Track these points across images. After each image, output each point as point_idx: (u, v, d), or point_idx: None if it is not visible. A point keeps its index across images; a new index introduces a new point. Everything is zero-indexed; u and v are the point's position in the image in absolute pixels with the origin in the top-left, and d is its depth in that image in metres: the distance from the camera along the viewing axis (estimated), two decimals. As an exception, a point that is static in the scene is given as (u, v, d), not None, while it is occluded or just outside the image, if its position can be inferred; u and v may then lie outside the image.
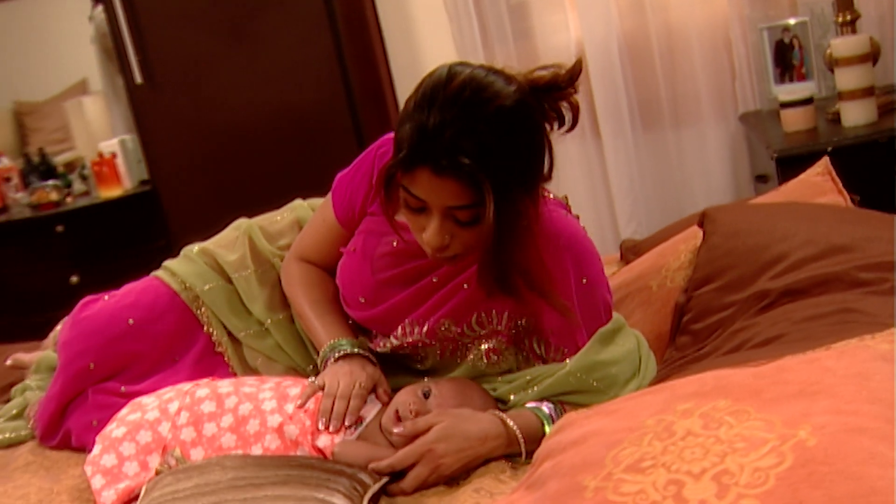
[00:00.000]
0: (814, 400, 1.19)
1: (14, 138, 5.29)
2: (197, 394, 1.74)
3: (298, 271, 1.92)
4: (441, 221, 1.57)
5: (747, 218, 1.81)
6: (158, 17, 3.87)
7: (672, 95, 3.62)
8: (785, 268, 1.66)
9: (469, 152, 1.49)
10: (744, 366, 1.36)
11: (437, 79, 1.56)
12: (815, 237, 1.69)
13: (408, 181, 1.55)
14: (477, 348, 1.77)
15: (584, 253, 1.72)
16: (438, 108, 1.51)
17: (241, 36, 3.82)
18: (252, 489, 1.40)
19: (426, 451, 1.56)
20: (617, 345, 1.72)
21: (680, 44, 3.56)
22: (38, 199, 4.19)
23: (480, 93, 1.52)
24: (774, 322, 1.58)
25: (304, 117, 3.82)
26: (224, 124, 3.91)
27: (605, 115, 3.66)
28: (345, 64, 3.78)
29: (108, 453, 1.69)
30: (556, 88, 1.65)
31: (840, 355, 1.29)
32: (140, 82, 3.91)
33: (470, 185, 1.51)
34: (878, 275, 1.60)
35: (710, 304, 1.72)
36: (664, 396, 1.32)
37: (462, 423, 1.60)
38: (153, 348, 1.97)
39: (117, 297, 2.03)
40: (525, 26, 3.73)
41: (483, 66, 1.61)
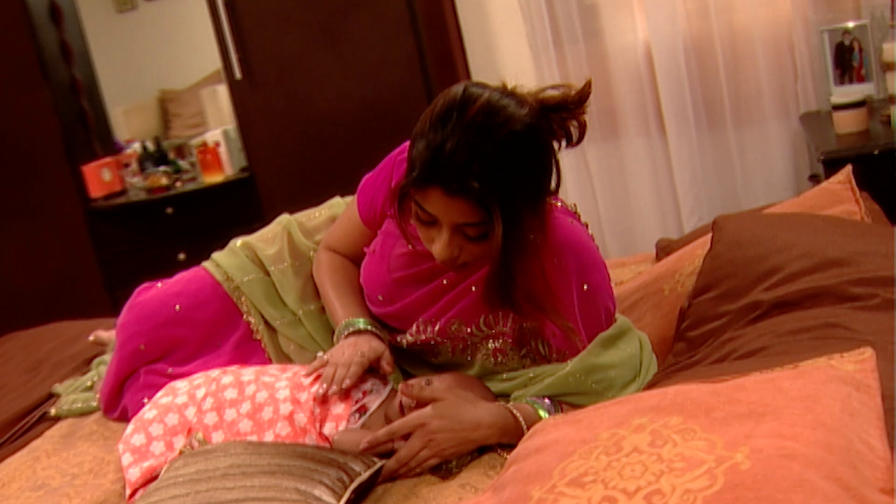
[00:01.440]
0: (759, 422, 1.13)
1: (158, 123, 5.44)
2: (222, 381, 1.75)
3: (327, 259, 1.92)
4: (450, 236, 1.54)
5: (751, 228, 1.72)
6: (257, 18, 3.90)
7: (735, 95, 3.49)
8: (779, 280, 1.58)
9: (478, 175, 1.46)
10: (710, 381, 1.29)
11: (453, 99, 1.52)
12: (812, 250, 1.60)
13: (420, 198, 1.52)
14: (485, 347, 1.74)
15: (587, 260, 1.67)
16: (451, 130, 1.48)
17: (331, 36, 3.83)
18: (243, 478, 1.40)
19: (421, 424, 1.55)
20: (618, 349, 1.67)
21: (743, 45, 3.43)
22: (151, 184, 4.29)
23: (492, 117, 1.49)
24: (761, 334, 1.50)
25: (386, 112, 3.81)
26: (314, 117, 3.93)
27: (671, 114, 3.55)
28: (425, 62, 3.75)
29: (138, 433, 1.71)
30: (566, 108, 1.59)
31: (798, 376, 1.22)
32: (239, 78, 3.96)
33: (479, 206, 1.48)
34: (868, 290, 1.51)
35: (707, 312, 1.64)
36: (627, 409, 1.27)
37: (460, 405, 1.58)
38: (197, 333, 1.99)
39: (168, 284, 2.06)
40: (595, 27, 3.64)
41: (498, 87, 1.56)
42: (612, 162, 3.75)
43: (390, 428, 1.57)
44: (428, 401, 1.58)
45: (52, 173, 4.32)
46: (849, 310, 1.48)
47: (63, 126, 4.29)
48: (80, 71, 4.45)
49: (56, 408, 2.23)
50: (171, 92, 5.27)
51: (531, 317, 1.64)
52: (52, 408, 2.24)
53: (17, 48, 4.21)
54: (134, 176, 4.42)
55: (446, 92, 1.55)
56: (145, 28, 5.08)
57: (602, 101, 3.67)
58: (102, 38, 5.13)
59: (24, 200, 4.39)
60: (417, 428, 1.55)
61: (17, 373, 2.58)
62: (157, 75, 5.26)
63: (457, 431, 1.55)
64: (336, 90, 3.88)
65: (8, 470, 1.98)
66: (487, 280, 1.61)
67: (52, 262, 4.41)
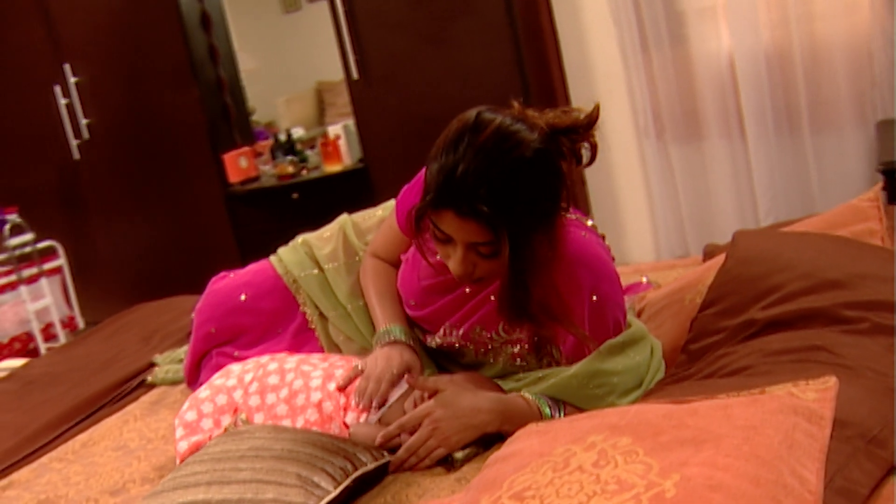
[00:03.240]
0: (699, 449, 1.07)
1: (315, 111, 5.57)
2: (268, 367, 1.77)
3: (371, 265, 1.91)
4: (464, 253, 1.51)
5: (760, 246, 1.62)
6: (373, 22, 3.92)
7: (813, 102, 3.31)
8: (776, 299, 1.48)
9: (487, 200, 1.42)
10: (673, 401, 1.23)
11: (465, 124, 1.48)
12: (813, 270, 1.49)
13: (435, 218, 1.50)
14: (506, 352, 1.71)
15: (598, 271, 1.60)
16: (462, 154, 1.44)
17: (438, 40, 3.81)
18: (256, 461, 1.42)
19: (427, 413, 1.54)
20: (626, 356, 1.60)
21: (822, 54, 3.24)
22: (280, 171, 4.38)
23: (503, 143, 1.44)
24: (749, 352, 1.41)
25: (487, 111, 3.78)
26: (421, 115, 3.93)
27: (751, 118, 3.40)
28: (522, 66, 3.70)
29: (191, 410, 1.75)
30: (575, 132, 1.54)
31: (750, 403, 1.14)
32: (356, 78, 4.00)
33: (488, 227, 1.45)
34: (860, 313, 1.40)
35: (708, 326, 1.56)
36: (592, 424, 1.22)
37: (459, 394, 1.56)
38: (260, 321, 2.01)
39: (239, 275, 2.09)
40: (681, 34, 3.51)
41: (510, 112, 1.51)
42: (694, 162, 3.62)
43: (400, 422, 1.56)
44: (431, 391, 1.57)
45: (197, 161, 4.47)
46: (837, 333, 1.38)
47: (208, 120, 4.43)
48: (224, 70, 4.57)
49: (152, 376, 2.31)
50: (327, 83, 5.35)
51: (546, 327, 1.60)
52: (149, 375, 2.32)
53: (172, 51, 4.36)
54: (266, 164, 4.53)
55: (461, 117, 1.51)
56: (307, 26, 5.21)
57: (686, 104, 3.54)
58: (269, 35, 5.27)
59: (173, 184, 4.57)
60: (424, 419, 1.54)
61: (133, 341, 2.69)
62: (316, 68, 5.36)
63: (458, 418, 1.52)
64: (441, 90, 3.87)
65: (101, 430, 2.06)
66: (500, 295, 1.57)
67: (196, 240, 4.58)
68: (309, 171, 4.37)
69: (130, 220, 4.73)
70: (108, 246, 4.81)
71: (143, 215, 4.70)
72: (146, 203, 4.67)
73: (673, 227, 3.68)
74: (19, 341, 4.06)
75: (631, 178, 3.81)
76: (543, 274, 1.51)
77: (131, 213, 4.72)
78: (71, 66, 4.58)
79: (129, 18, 4.41)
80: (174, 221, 4.65)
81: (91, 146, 4.67)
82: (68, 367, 2.58)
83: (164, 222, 4.65)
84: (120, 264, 4.81)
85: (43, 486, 1.80)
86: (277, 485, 1.35)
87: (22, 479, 1.87)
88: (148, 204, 4.67)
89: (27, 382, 2.53)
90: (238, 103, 4.70)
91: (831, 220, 1.77)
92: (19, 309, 4.08)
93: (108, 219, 4.77)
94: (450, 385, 1.57)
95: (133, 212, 4.71)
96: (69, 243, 4.72)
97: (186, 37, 4.34)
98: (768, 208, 3.43)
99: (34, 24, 4.60)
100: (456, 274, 1.52)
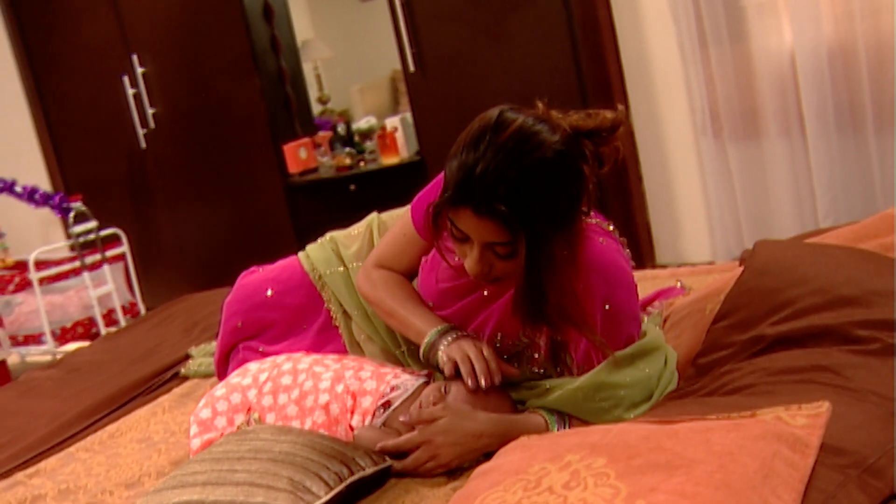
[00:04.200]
0: (671, 474, 1.04)
1: (389, 100, 5.61)
2: (283, 367, 1.78)
3: (380, 276, 1.85)
4: (481, 253, 1.50)
5: (778, 257, 1.56)
6: (429, 16, 3.92)
7: (878, 100, 3.18)
8: (788, 314, 1.43)
9: (506, 199, 1.41)
10: (658, 421, 1.20)
11: (487, 122, 1.48)
12: (828, 286, 1.43)
13: (453, 216, 1.49)
14: (526, 357, 1.69)
15: (613, 280, 1.56)
16: (483, 153, 1.43)
17: (494, 34, 3.79)
18: (253, 462, 1.43)
19: (426, 441, 1.52)
20: (636, 368, 1.56)
21: (888, 50, 3.11)
22: (337, 163, 4.41)
23: (523, 144, 1.43)
24: (754, 370, 1.37)
25: (542, 106, 3.74)
26: (476, 108, 3.87)
27: (812, 116, 3.29)
28: (578, 61, 3.65)
29: (207, 407, 1.77)
30: (599, 135, 1.51)
31: (733, 428, 1.11)
32: (413, 71, 4.00)
33: (506, 226, 1.43)
34: (872, 333, 1.34)
35: (718, 340, 1.52)
36: (574, 441, 1.20)
37: (461, 420, 1.53)
38: (285, 317, 2.01)
39: (267, 270, 2.11)
40: (740, 29, 3.41)
41: (533, 112, 1.51)
42: (752, 161, 3.52)
43: (398, 442, 1.54)
44: (428, 422, 1.53)
45: (257, 151, 4.54)
46: (846, 352, 1.33)
47: (269, 110, 4.49)
48: (286, 61, 4.62)
49: (185, 368, 2.35)
50: (401, 73, 5.36)
51: (563, 331, 1.57)
52: (183, 367, 2.37)
53: (234, 43, 4.43)
54: (324, 155, 4.57)
55: (483, 115, 1.51)
56: (384, 15, 5.24)
57: (745, 101, 3.45)
58: (347, 23, 5.31)
59: (234, 174, 4.64)
60: (423, 444, 1.52)
61: (176, 332, 2.74)
62: (391, 57, 5.39)
63: (461, 444, 1.51)
64: (496, 84, 3.85)
65: (130, 421, 2.11)
66: (514, 297, 1.55)
67: (256, 229, 4.66)
68: (366, 163, 4.39)
69: (193, 208, 4.83)
70: (172, 234, 4.93)
71: (205, 204, 4.79)
72: (208, 192, 4.77)
73: (730, 227, 3.60)
74: (82, 326, 4.19)
75: (688, 177, 3.73)
76: (560, 276, 1.48)
77: (194, 202, 4.82)
78: (138, 56, 4.69)
79: (194, 9, 4.50)
80: (235, 211, 4.73)
81: (156, 135, 4.78)
82: (111, 357, 2.65)
83: (226, 211, 4.73)
84: (182, 252, 4.92)
85: (66, 475, 1.86)
86: (267, 488, 1.37)
87: (49, 467, 1.92)
88: (210, 193, 4.76)
89: (71, 370, 2.61)
90: (299, 94, 4.75)
91: (860, 231, 1.71)
92: (83, 294, 4.20)
93: (172, 207, 4.89)
94: (447, 412, 1.53)
95: (196, 200, 4.81)
96: (134, 231, 4.85)
97: (248, 28, 4.40)
98: (827, 210, 3.32)
99: (105, 16, 4.72)
100: (472, 273, 1.51)
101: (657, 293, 2.13)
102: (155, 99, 4.74)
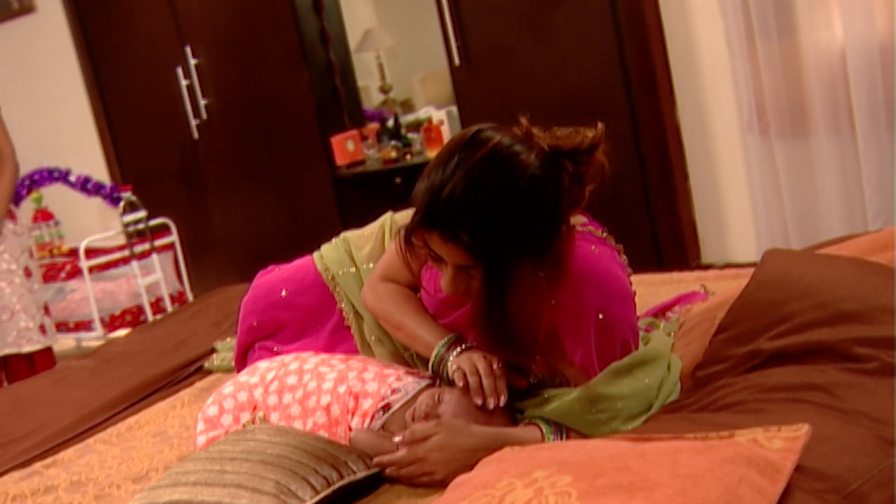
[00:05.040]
0: (631, 497, 1.02)
1: (450, 92, 5.61)
2: (289, 367, 1.79)
3: (385, 290, 1.83)
4: (454, 274, 1.47)
5: (784, 268, 1.51)
6: (475, 9, 3.91)
7: (931, 98, 3.07)
8: (787, 329, 1.38)
9: (470, 229, 1.38)
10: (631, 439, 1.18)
11: (461, 141, 1.44)
12: (830, 300, 1.38)
13: (425, 237, 1.47)
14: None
15: (605, 289, 1.53)
16: (451, 174, 1.40)
17: (539, 28, 3.76)
18: (244, 464, 1.44)
19: (421, 458, 1.49)
20: (634, 378, 1.52)
21: (943, 46, 3.00)
22: (384, 155, 4.42)
23: (495, 167, 1.39)
24: (746, 386, 1.33)
25: (585, 102, 3.70)
26: (521, 103, 3.83)
27: (862, 114, 3.19)
28: (624, 56, 3.60)
29: (214, 405, 1.79)
30: (578, 154, 1.48)
31: (704, 449, 1.08)
32: (458, 64, 3.99)
33: (470, 255, 1.41)
34: (871, 351, 1.30)
35: (717, 353, 1.48)
36: (546, 456, 1.18)
37: (456, 436, 1.50)
38: (299, 317, 2.02)
39: (283, 270, 2.12)
40: (789, 23, 3.31)
41: (511, 131, 1.46)
42: (800, 159, 3.43)
43: (392, 458, 1.52)
44: (420, 440, 1.50)
45: (306, 143, 4.58)
46: (842, 371, 1.29)
47: (317, 102, 4.53)
48: (335, 54, 4.65)
49: (209, 362, 2.39)
50: None
51: (529, 358, 1.55)
52: (206, 361, 2.40)
53: (283, 35, 4.47)
54: (371, 148, 4.58)
55: (461, 132, 1.48)
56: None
57: (793, 97, 3.36)
58: (409, 13, 5.31)
59: (283, 165, 4.69)
60: (417, 461, 1.50)
61: (206, 325, 2.78)
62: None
63: (457, 461, 1.47)
64: (541, 79, 3.82)
65: (149, 414, 2.14)
66: (473, 321, 1.52)
67: (303, 220, 4.70)
68: (412, 156, 4.40)
69: (243, 198, 4.90)
70: (222, 223, 5.01)
71: (254, 194, 4.85)
72: (258, 182, 4.82)
73: (777, 227, 3.51)
74: (131, 314, 4.29)
75: (734, 175, 3.65)
76: (528, 302, 1.46)
77: (244, 192, 4.88)
78: (191, 48, 4.76)
79: (245, 1, 4.55)
80: (284, 202, 4.78)
81: (208, 126, 4.85)
82: (143, 348, 2.71)
83: (275, 202, 4.79)
84: (232, 242, 5.00)
85: (80, 467, 1.90)
86: (252, 491, 1.38)
87: (66, 458, 1.97)
88: (260, 183, 4.82)
89: (104, 360, 2.67)
90: (348, 86, 4.76)
91: (879, 240, 1.65)
92: (132, 283, 4.29)
93: (223, 197, 4.96)
94: (440, 428, 1.50)
95: (246, 191, 4.88)
96: (186, 220, 4.93)
97: (298, 20, 4.44)
98: (877, 211, 3.22)
99: (160, 7, 4.81)
100: (447, 292, 1.50)
101: (678, 298, 2.08)
102: (207, 90, 4.81)
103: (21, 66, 5.52)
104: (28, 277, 3.27)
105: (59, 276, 4.29)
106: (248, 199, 4.88)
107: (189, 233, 4.92)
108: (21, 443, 2.12)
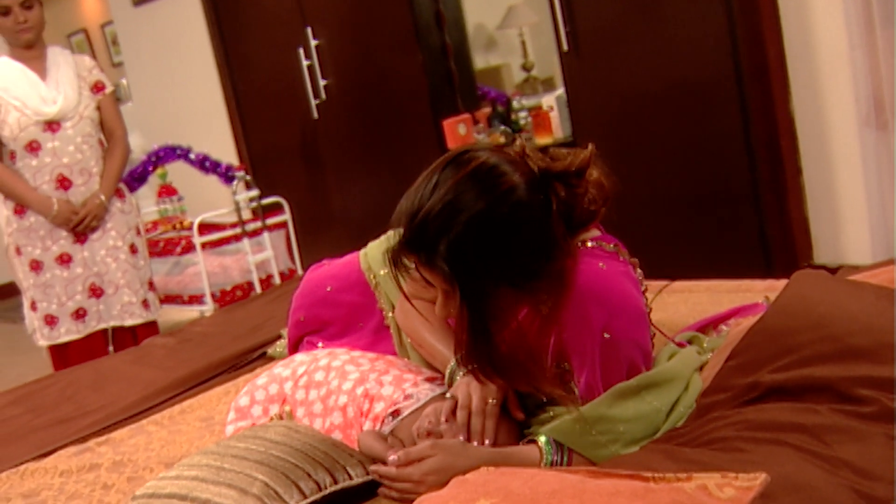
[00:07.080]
0: (551, 539, 0.99)
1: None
2: (320, 363, 1.82)
3: (412, 307, 1.78)
4: (443, 298, 1.44)
5: (805, 293, 1.41)
6: (586, -6, 3.84)
7: None
8: (791, 361, 1.30)
9: (446, 257, 1.35)
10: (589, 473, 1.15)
11: (446, 161, 1.41)
12: (840, 334, 1.29)
13: (409, 260, 1.44)
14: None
15: (612, 307, 1.46)
16: (429, 196, 1.37)
17: (649, 13, 3.65)
18: (241, 462, 1.47)
19: (418, 481, 1.46)
20: (640, 401, 1.46)
21: None
22: (492, 141, 4.41)
23: (475, 190, 1.35)
24: (736, 422, 1.27)
25: (695, 90, 3.57)
26: (630, 90, 3.80)
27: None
28: (736, 43, 3.45)
29: (246, 395, 1.85)
30: (567, 176, 1.43)
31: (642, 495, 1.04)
32: (566, 50, 3.93)
33: (447, 282, 1.38)
34: (872, 392, 1.21)
35: (722, 382, 1.40)
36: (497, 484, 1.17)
37: (454, 458, 1.46)
38: (341, 314, 2.04)
39: (331, 265, 2.14)
40: (914, 11, 3.09)
41: (501, 151, 1.43)
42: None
43: (389, 474, 1.50)
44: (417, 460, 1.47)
45: (419, 126, 4.62)
46: (837, 413, 1.21)
47: (430, 85, 4.55)
48: (450, 36, 4.65)
49: (272, 349, 2.46)
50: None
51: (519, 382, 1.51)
52: (270, 348, 2.47)
53: (397, 17, 4.51)
54: (481, 132, 4.57)
55: (449, 152, 1.45)
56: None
57: (915, 91, 3.13)
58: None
59: (397, 147, 4.75)
60: (412, 481, 1.47)
61: (283, 309, 2.82)
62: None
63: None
64: (651, 65, 3.71)
65: (203, 399, 2.23)
66: (457, 346, 1.49)
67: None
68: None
69: (358, 178, 4.99)
70: (338, 203, 5.12)
71: (369, 175, 4.94)
72: (373, 163, 4.90)
73: (892, 228, 3.29)
74: (241, 289, 4.45)
75: (851, 171, 3.44)
76: (519, 328, 1.42)
77: (359, 172, 4.97)
78: (312, 29, 4.87)
79: (362, -18, 4.61)
80: (396, 183, 4.81)
81: (327, 106, 4.96)
82: (221, 329, 2.81)
83: (387, 183, 4.85)
84: (345, 221, 5.11)
85: (127, 447, 2.00)
86: (240, 492, 1.42)
87: (118, 437, 2.07)
88: (374, 164, 4.90)
89: (184, 340, 2.79)
90: (463, 69, 4.76)
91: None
92: (244, 260, 4.46)
93: (340, 177, 5.07)
94: (439, 451, 1.47)
95: (361, 171, 4.97)
96: (304, 199, 5.07)
97: (412, 3, 4.46)
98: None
99: (284, -12, 4.94)
100: (440, 316, 1.47)
101: (734, 310, 1.99)
102: (327, 71, 4.91)
103: (158, 45, 5.80)
104: (133, 254, 3.44)
105: (175, 251, 4.50)
106: (362, 178, 4.97)
107: (305, 211, 5.06)
108: (87, 417, 2.25)
